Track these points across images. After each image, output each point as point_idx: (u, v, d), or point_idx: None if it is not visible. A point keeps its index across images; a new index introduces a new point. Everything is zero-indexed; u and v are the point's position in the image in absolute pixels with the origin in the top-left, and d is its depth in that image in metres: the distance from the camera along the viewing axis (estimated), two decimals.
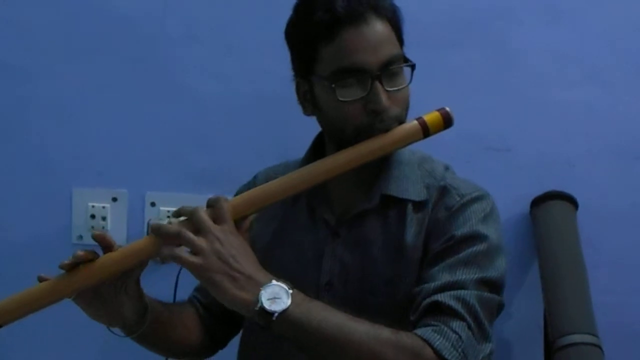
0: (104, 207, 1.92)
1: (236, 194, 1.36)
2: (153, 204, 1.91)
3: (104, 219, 1.92)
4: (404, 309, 1.13)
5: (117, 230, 1.92)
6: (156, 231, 1.04)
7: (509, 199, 1.82)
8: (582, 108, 1.83)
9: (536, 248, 1.79)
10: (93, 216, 1.92)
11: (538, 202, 1.82)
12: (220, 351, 1.42)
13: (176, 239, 1.02)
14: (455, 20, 1.83)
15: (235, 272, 0.99)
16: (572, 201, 1.81)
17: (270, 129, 1.87)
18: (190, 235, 1.01)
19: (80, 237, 1.93)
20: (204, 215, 1.03)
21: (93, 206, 1.92)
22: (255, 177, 1.39)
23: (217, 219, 1.03)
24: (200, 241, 1.00)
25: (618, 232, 1.84)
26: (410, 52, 1.18)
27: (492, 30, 1.83)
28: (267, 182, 1.29)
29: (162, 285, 1.25)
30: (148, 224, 1.89)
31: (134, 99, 1.89)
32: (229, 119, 1.88)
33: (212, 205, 1.06)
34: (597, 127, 1.84)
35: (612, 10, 1.81)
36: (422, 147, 1.24)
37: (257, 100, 1.87)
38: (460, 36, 1.84)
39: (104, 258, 1.06)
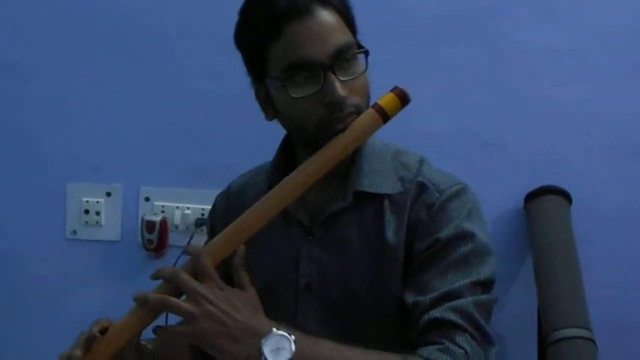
0: (98, 202, 1.92)
1: (215, 203, 1.34)
2: (147, 199, 1.91)
3: (97, 213, 1.92)
4: (389, 310, 1.10)
5: (111, 225, 1.93)
6: (141, 303, 1.00)
7: (503, 194, 1.83)
8: (577, 104, 1.83)
9: (530, 242, 1.79)
10: (87, 211, 1.92)
11: (532, 197, 1.82)
12: None
13: (162, 308, 0.98)
14: (451, 16, 1.84)
15: (231, 330, 0.96)
16: (566, 196, 1.81)
17: (264, 125, 1.84)
18: (176, 302, 0.97)
19: (74, 232, 1.93)
20: (186, 276, 0.98)
21: (87, 201, 1.91)
22: (229, 187, 1.34)
23: (200, 276, 0.99)
24: (187, 306, 0.96)
25: (612, 227, 1.85)
26: (405, 47, 1.17)
27: (487, 27, 1.84)
28: (242, 189, 1.28)
29: None
30: (142, 219, 1.88)
31: (129, 95, 1.89)
32: (224, 114, 1.88)
33: (190, 257, 1.01)
34: (591, 122, 1.84)
35: (606, 7, 1.82)
36: (414, 143, 1.24)
37: (251, 96, 1.85)
38: (455, 32, 1.84)
39: (98, 345, 1.01)
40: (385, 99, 1.07)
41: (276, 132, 1.70)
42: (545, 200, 1.80)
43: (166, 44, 1.87)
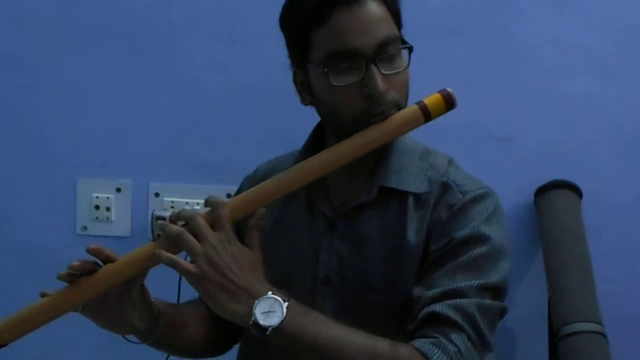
0: (108, 198, 1.92)
1: (241, 186, 1.35)
2: (157, 195, 1.92)
3: (108, 209, 1.93)
4: (404, 307, 1.09)
5: (121, 221, 1.93)
6: (161, 228, 1.03)
7: (513, 189, 1.83)
8: (586, 97, 1.83)
9: (540, 237, 1.79)
10: (97, 207, 1.92)
11: (542, 191, 1.82)
12: None
13: (177, 240, 1.00)
14: (459, 9, 1.83)
15: (229, 283, 0.97)
16: (576, 190, 1.81)
17: (273, 120, 1.87)
18: (191, 238, 0.99)
19: (85, 227, 1.94)
20: (202, 221, 1.01)
21: (97, 197, 1.92)
22: (255, 171, 1.35)
23: (215, 226, 1.01)
24: (197, 247, 0.98)
25: (622, 220, 1.84)
26: (413, 40, 1.16)
27: (496, 20, 1.83)
28: (266, 176, 1.26)
29: (166, 282, 1.23)
30: (152, 214, 1.89)
31: (138, 90, 1.89)
32: (233, 109, 1.88)
33: (210, 206, 1.03)
34: (601, 116, 1.84)
35: (616, 0, 1.81)
36: (423, 137, 1.24)
37: (260, 91, 1.87)
38: (464, 25, 1.84)
39: (105, 269, 1.04)
40: (431, 98, 1.07)
41: (285, 127, 1.72)
42: (555, 195, 1.80)
43: (175, 38, 1.87)
